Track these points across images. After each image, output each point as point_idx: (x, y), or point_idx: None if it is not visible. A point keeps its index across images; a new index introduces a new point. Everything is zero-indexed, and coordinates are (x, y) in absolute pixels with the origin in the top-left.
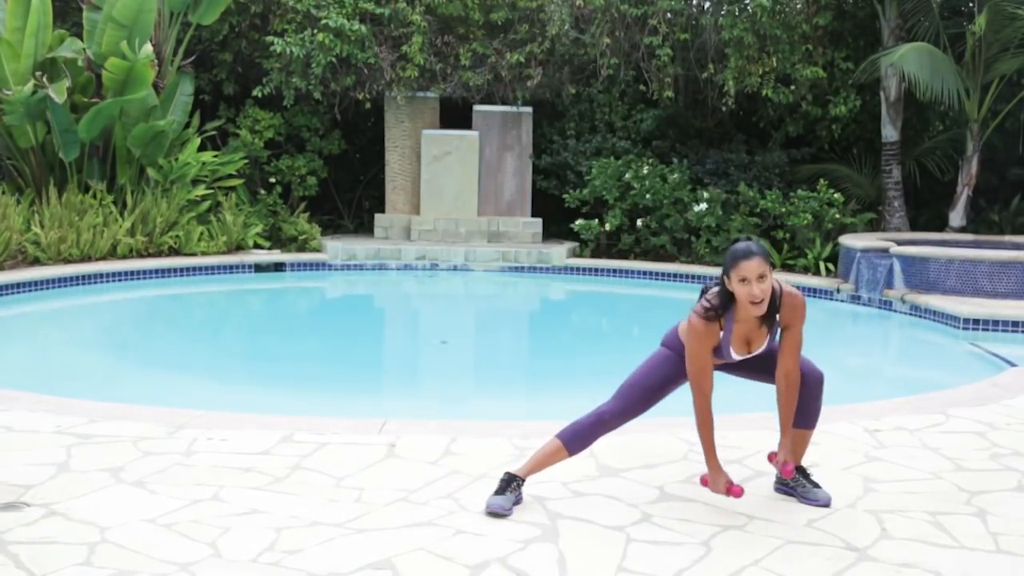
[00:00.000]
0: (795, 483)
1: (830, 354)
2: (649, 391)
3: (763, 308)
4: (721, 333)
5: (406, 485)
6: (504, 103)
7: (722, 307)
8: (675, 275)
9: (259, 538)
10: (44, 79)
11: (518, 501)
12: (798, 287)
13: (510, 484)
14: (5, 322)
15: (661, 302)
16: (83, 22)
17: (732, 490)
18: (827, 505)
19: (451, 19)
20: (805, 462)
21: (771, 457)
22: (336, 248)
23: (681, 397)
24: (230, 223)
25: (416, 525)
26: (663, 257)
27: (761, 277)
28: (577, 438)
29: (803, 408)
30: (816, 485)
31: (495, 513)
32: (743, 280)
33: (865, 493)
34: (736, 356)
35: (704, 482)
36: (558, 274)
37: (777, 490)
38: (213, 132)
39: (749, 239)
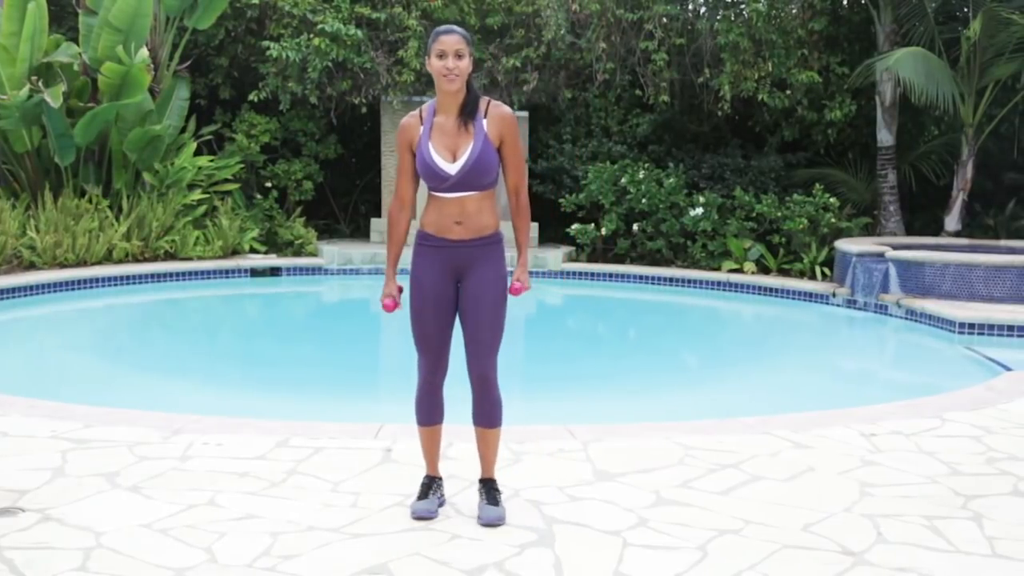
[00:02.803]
0: (481, 493)
1: (826, 358)
2: (426, 325)
3: (456, 84)
4: (421, 128)
5: (402, 490)
6: None
7: None
8: (671, 279)
9: (255, 543)
10: (40, 83)
11: (442, 503)
12: (794, 291)
13: (431, 487)
14: (1, 327)
15: (657, 306)
16: (79, 26)
17: (385, 303)
18: (491, 525)
19: (447, 24)
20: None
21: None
22: (332, 252)
23: (679, 399)
24: (226, 228)
25: (412, 530)
26: (659, 261)
27: (459, 55)
28: (421, 410)
29: (476, 406)
30: (495, 503)
31: (422, 517)
32: (441, 55)
33: (861, 497)
34: (437, 159)
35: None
36: (554, 278)
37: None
38: (209, 137)
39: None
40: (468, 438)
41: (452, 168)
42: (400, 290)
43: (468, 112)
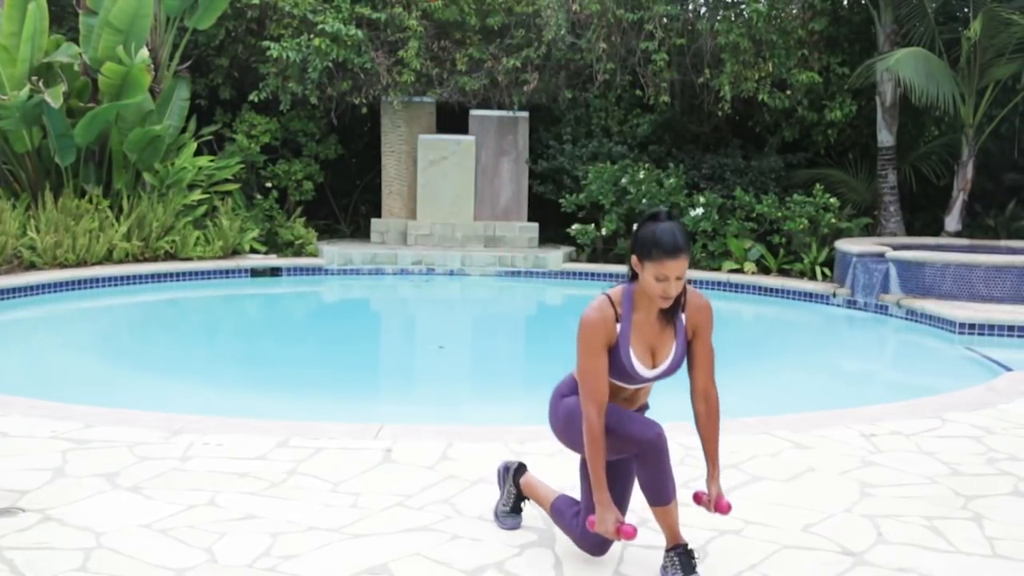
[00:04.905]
0: (669, 564)
1: (826, 358)
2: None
3: (670, 303)
4: (619, 326)
5: (402, 490)
6: (500, 108)
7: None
8: None
9: (255, 543)
10: (40, 84)
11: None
12: (794, 292)
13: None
14: (1, 327)
15: None
16: (79, 27)
17: (623, 530)
18: None
19: (448, 24)
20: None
21: (698, 497)
22: (332, 253)
23: (679, 400)
24: (226, 228)
25: (412, 530)
26: None
27: (679, 278)
28: (561, 518)
29: (649, 483)
30: (693, 571)
31: (513, 528)
32: (662, 278)
33: (861, 498)
34: (639, 366)
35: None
36: (554, 279)
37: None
38: (210, 137)
39: (671, 217)
40: (468, 438)
41: (650, 373)
42: None
43: (673, 310)
